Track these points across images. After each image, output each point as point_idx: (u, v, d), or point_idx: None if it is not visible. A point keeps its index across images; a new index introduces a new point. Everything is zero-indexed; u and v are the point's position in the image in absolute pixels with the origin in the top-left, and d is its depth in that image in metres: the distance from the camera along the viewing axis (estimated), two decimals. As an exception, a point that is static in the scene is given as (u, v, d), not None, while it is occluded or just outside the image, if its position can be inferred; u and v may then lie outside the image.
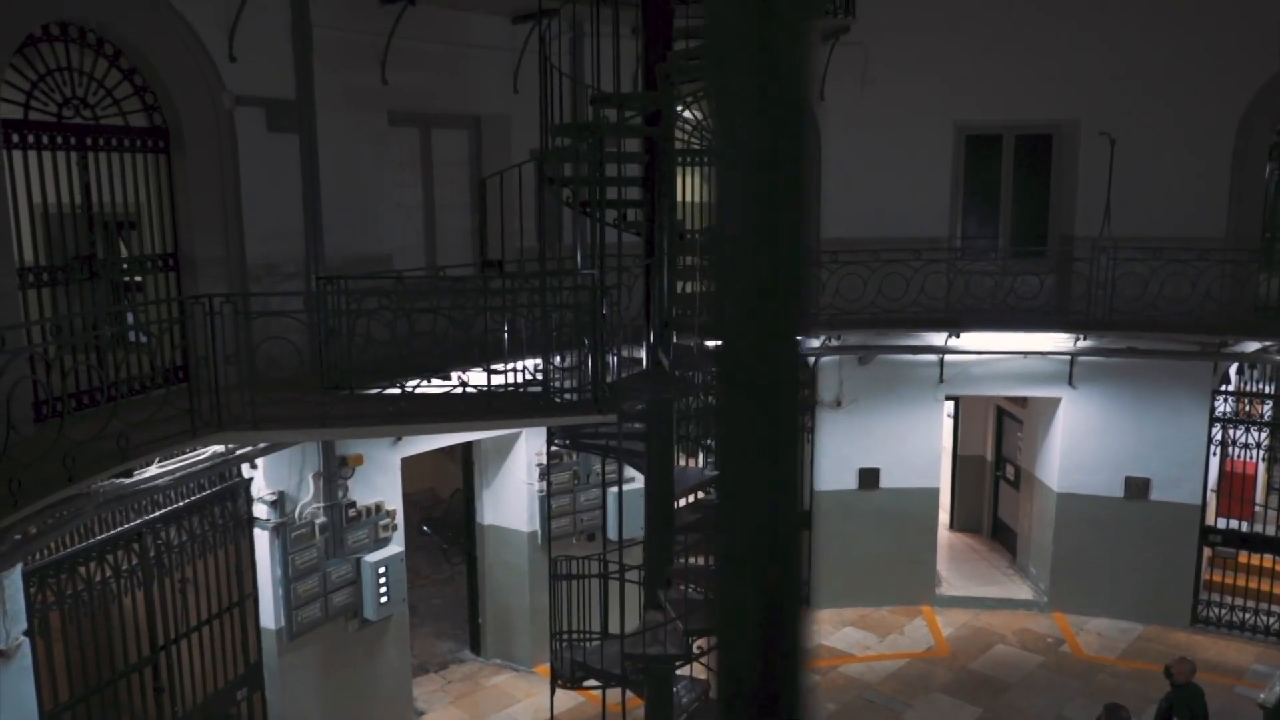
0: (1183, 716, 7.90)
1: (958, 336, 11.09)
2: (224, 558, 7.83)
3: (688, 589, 7.78)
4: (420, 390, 7.19)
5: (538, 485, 10.25)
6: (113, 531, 6.76)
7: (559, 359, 7.60)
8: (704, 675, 7.95)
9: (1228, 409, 11.50)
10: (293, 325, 7.14)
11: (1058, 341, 11.15)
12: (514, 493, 10.41)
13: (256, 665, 8.18)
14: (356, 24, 8.43)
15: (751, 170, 0.78)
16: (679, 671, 7.69)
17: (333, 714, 8.67)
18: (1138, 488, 11.46)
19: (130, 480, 6.38)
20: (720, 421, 0.85)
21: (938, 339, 11.21)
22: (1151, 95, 10.86)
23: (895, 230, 11.09)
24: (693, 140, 11.14)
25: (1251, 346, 10.74)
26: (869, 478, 11.89)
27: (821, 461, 11.84)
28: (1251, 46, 10.55)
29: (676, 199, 7.79)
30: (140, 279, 7.54)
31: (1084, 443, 11.55)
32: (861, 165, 11.13)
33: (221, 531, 7.76)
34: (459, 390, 7.24)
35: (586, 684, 7.68)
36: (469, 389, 7.21)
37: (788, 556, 0.86)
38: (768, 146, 0.78)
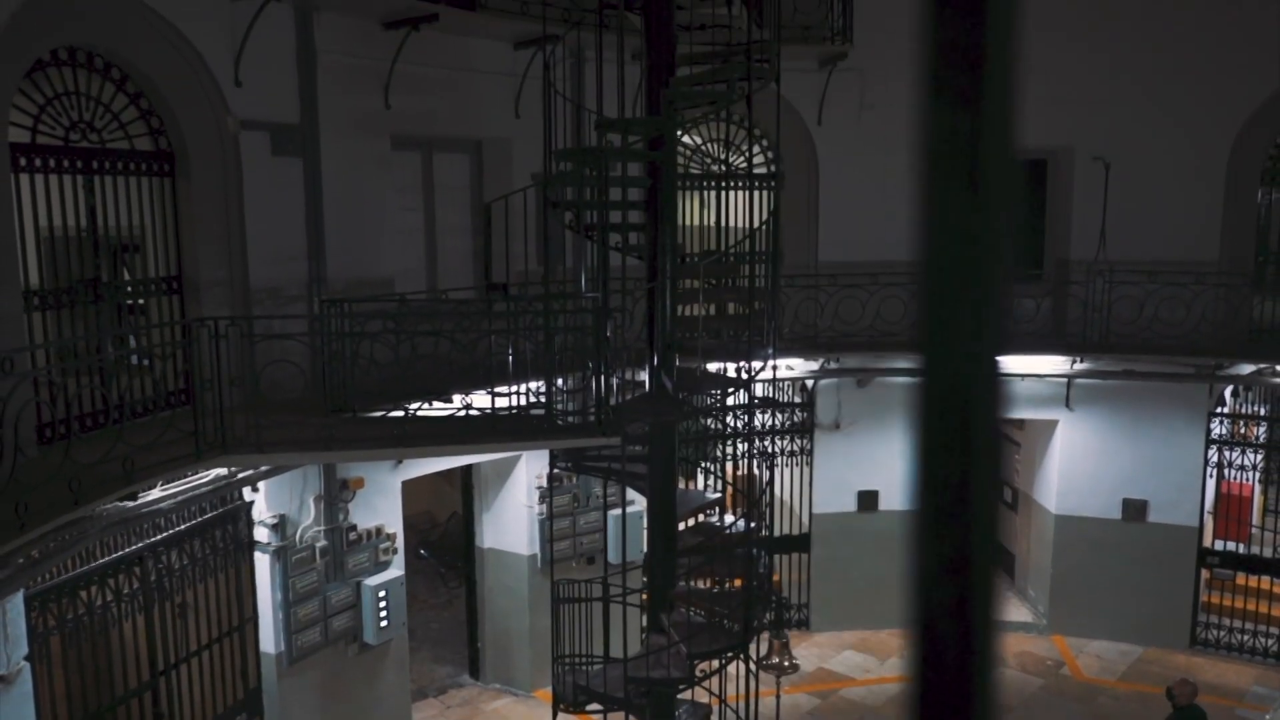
0: (1186, 739, 7.89)
1: (955, 359, 11.12)
2: (224, 582, 7.79)
3: (690, 612, 7.77)
4: (423, 413, 7.19)
5: (538, 508, 10.24)
6: (114, 555, 6.73)
7: (561, 381, 7.62)
8: (706, 699, 7.92)
9: (1223, 431, 11.57)
10: (296, 348, 7.16)
11: (1055, 364, 11.21)
12: (514, 516, 10.39)
13: (256, 690, 8.11)
14: (361, 49, 8.51)
15: (967, 202, 0.82)
16: (682, 695, 7.67)
17: (332, 740, 8.60)
18: (1135, 510, 11.49)
19: (134, 504, 6.36)
20: (923, 446, 0.88)
21: (935, 361, 11.24)
22: (1145, 121, 10.99)
23: (893, 254, 11.13)
24: (691, 165, 11.22)
25: (1246, 369, 10.83)
26: (868, 500, 11.90)
27: (820, 484, 11.85)
28: (1243, 73, 10.71)
29: (678, 223, 7.85)
30: (143, 302, 7.55)
31: (1081, 465, 11.60)
32: (859, 189, 11.23)
33: (222, 555, 7.72)
34: (463, 413, 7.25)
35: (589, 708, 7.64)
36: (473, 411, 7.22)
37: (987, 584, 0.90)
38: (983, 179, 0.82)
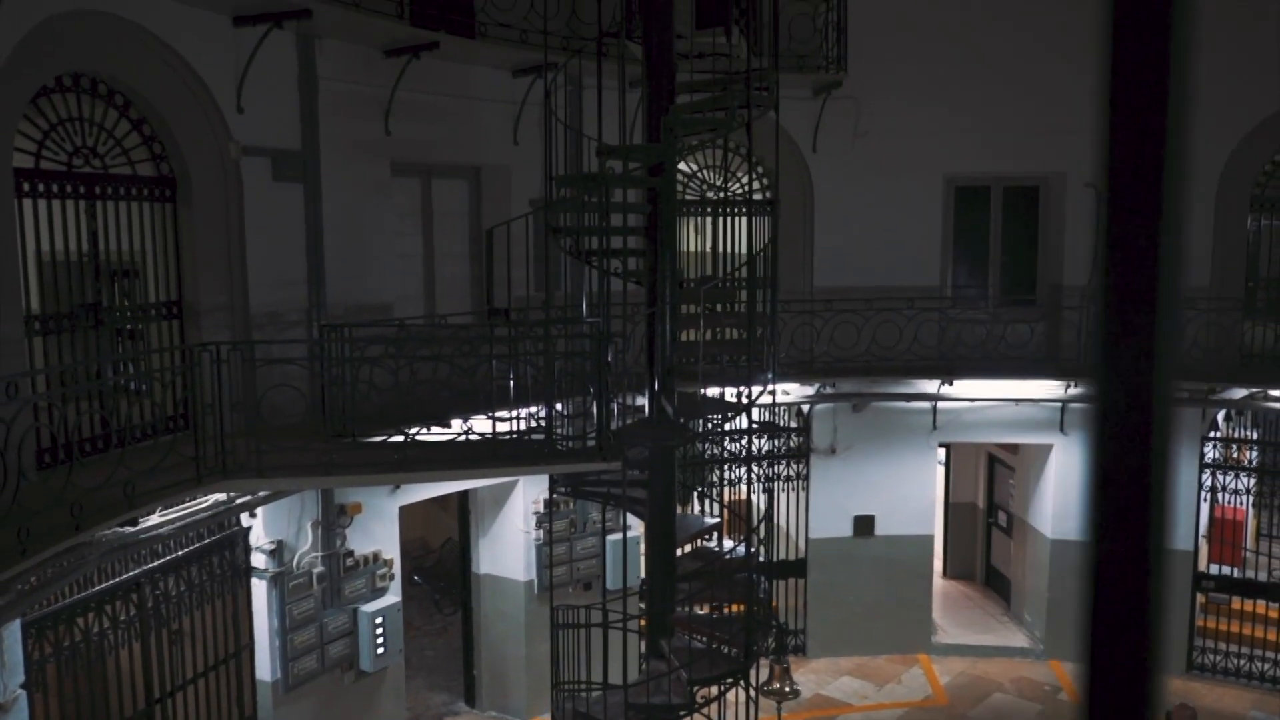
0: (1186, 764, 7.88)
1: (950, 384, 11.20)
2: (221, 608, 7.73)
3: (690, 638, 7.74)
4: (423, 438, 7.19)
5: (535, 534, 10.21)
6: (111, 582, 6.68)
7: (561, 406, 7.63)
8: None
9: (1217, 455, 11.63)
10: (295, 373, 7.16)
11: (1049, 389, 11.28)
12: (511, 542, 10.35)
13: (252, 719, 8.03)
14: (362, 76, 8.57)
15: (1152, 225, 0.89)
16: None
17: (327, 769, 8.51)
18: (1130, 534, 11.50)
19: (134, 529, 6.33)
20: (1099, 467, 0.93)
21: (931, 386, 11.31)
22: (1135, 148, 11.12)
23: (888, 279, 11.25)
24: (687, 191, 11.30)
25: (1239, 393, 10.91)
26: (864, 525, 11.90)
27: (816, 509, 11.85)
28: (1231, 102, 10.86)
29: (678, 248, 7.89)
30: (142, 327, 7.55)
31: (1076, 489, 11.63)
32: (854, 216, 11.32)
33: (219, 581, 7.67)
34: (463, 437, 7.25)
35: (588, 735, 7.58)
36: (473, 436, 7.23)
37: (1160, 603, 0.93)
38: (1170, 203, 0.88)
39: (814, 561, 11.89)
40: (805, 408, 11.65)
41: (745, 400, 7.41)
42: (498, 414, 7.37)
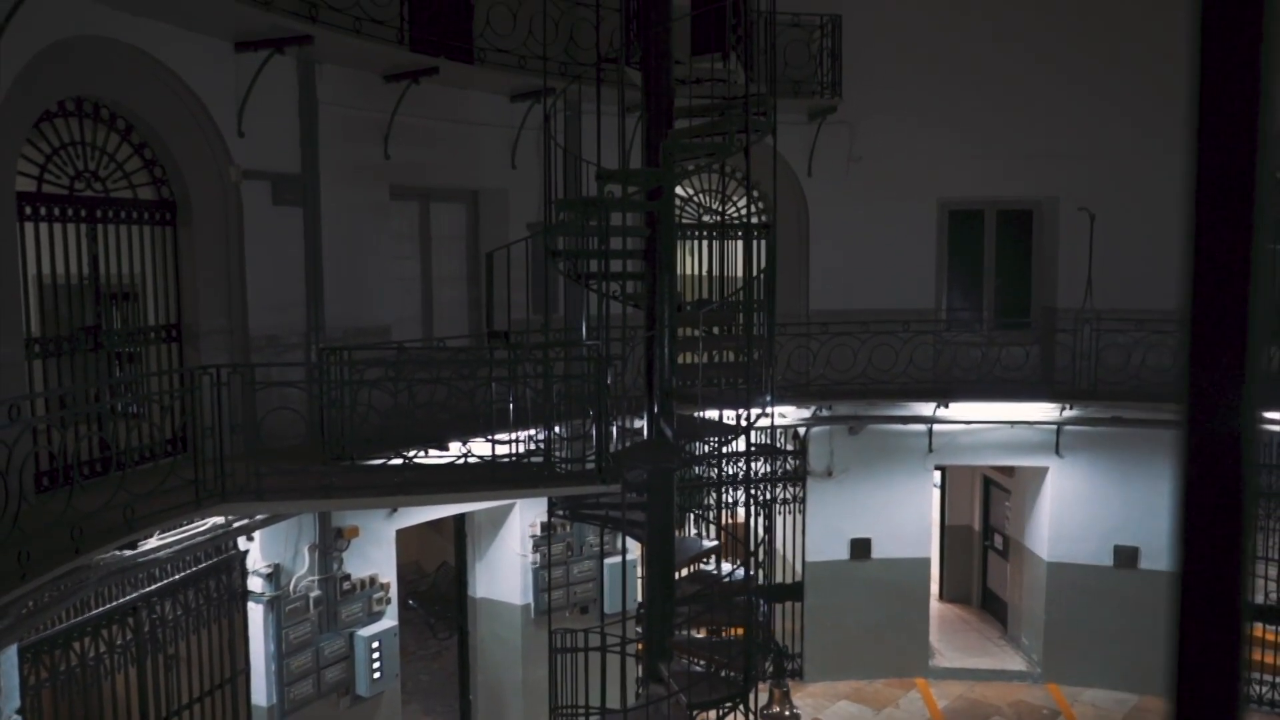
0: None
1: (946, 407, 11.24)
2: (217, 633, 7.68)
3: (689, 661, 7.71)
4: (422, 460, 7.19)
5: (532, 557, 10.18)
6: (107, 606, 6.64)
7: (560, 429, 7.64)
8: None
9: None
10: (294, 395, 7.16)
11: (1044, 411, 11.32)
12: (507, 565, 10.31)
13: (247, 745, 7.96)
14: (362, 101, 8.63)
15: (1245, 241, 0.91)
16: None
17: (323, 796, 8.42)
18: (1126, 556, 11.53)
19: (132, 553, 6.30)
20: (1185, 491, 0.95)
21: (926, 409, 11.35)
22: (1127, 172, 11.24)
23: (883, 302, 11.31)
24: (683, 215, 11.37)
25: (1232, 416, 10.95)
26: (860, 548, 11.89)
27: (813, 532, 11.84)
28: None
29: (676, 272, 7.93)
30: (139, 350, 7.55)
31: (1072, 511, 11.65)
32: (849, 239, 11.41)
33: (216, 606, 7.62)
34: (462, 460, 7.24)
35: (587, 760, 7.54)
36: (472, 458, 7.22)
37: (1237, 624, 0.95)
38: (1260, 216, 0.90)
39: (811, 585, 11.86)
40: (802, 430, 11.67)
41: (744, 423, 7.43)
42: (496, 437, 7.37)
